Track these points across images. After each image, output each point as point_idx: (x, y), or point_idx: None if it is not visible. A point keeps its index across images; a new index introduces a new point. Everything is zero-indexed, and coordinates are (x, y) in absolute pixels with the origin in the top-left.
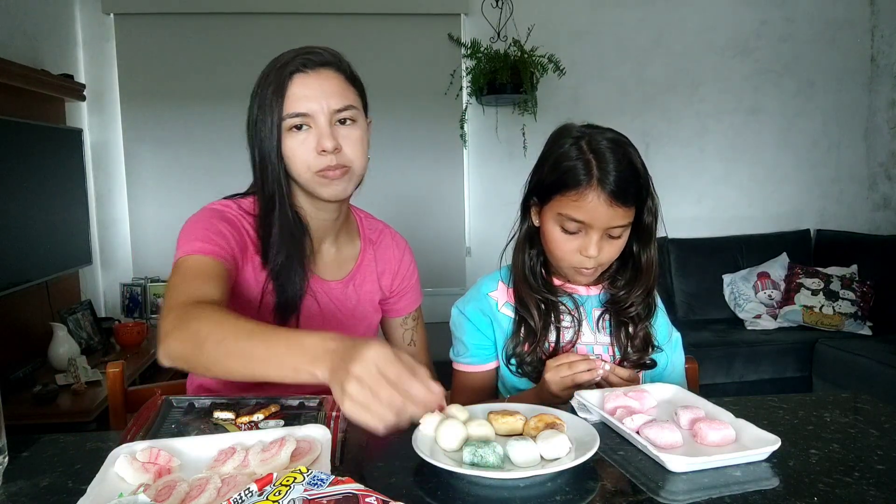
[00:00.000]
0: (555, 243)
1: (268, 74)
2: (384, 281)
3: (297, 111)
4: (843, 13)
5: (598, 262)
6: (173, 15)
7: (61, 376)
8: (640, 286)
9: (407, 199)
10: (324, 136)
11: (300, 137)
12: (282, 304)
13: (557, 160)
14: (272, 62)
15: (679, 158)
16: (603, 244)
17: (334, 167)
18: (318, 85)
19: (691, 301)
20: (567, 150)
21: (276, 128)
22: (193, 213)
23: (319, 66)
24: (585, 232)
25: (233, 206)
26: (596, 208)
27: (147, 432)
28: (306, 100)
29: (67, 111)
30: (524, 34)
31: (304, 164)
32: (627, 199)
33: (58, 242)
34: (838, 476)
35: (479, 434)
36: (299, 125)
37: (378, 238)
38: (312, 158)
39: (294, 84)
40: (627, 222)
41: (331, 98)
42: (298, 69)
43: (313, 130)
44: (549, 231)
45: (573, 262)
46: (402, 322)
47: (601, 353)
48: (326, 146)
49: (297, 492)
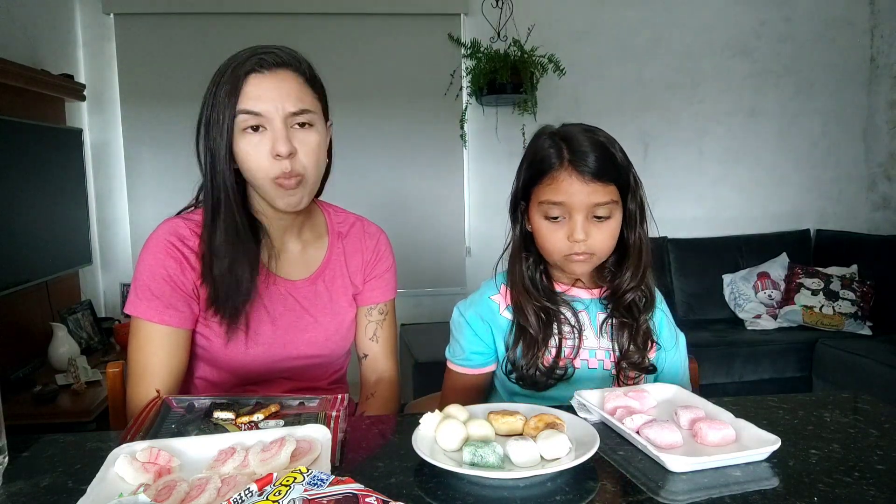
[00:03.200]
0: (544, 236)
1: (222, 74)
2: (354, 273)
3: (249, 109)
4: (843, 13)
5: (588, 246)
6: (173, 15)
7: (61, 376)
8: (630, 270)
9: (407, 199)
10: (279, 139)
11: (254, 140)
12: (229, 311)
13: (532, 155)
14: (227, 61)
15: (679, 159)
16: (590, 227)
17: (289, 174)
18: (275, 86)
19: (691, 301)
20: (540, 143)
21: (227, 128)
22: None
23: (276, 66)
24: (569, 216)
25: (183, 230)
26: (571, 186)
27: (147, 432)
28: (261, 100)
29: (67, 111)
30: (524, 34)
31: (258, 169)
32: (602, 175)
33: (58, 242)
34: (838, 476)
35: (479, 434)
36: (255, 126)
37: (348, 230)
38: (267, 163)
39: (249, 84)
40: (609, 199)
41: (286, 100)
42: (254, 69)
43: (268, 133)
44: (537, 226)
45: (563, 250)
46: (367, 312)
47: (603, 359)
48: (281, 150)
49: (297, 492)
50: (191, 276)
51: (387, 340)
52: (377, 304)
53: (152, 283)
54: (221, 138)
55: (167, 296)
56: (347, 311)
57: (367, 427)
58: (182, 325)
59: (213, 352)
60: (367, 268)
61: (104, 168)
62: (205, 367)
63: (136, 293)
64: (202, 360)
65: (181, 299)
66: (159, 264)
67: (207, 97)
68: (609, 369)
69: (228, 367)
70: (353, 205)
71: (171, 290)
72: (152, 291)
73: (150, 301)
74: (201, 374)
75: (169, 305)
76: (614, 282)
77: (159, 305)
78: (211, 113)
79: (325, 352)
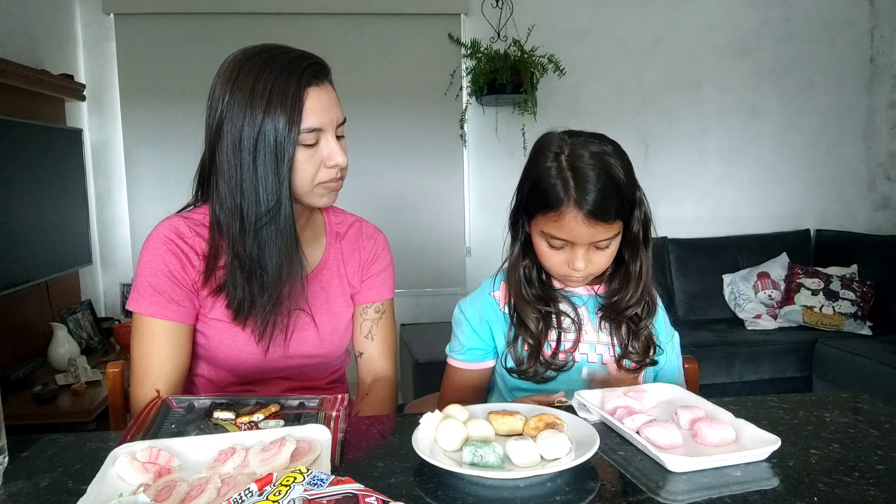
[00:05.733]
0: (543, 256)
1: (268, 79)
2: (352, 273)
3: (313, 126)
4: (843, 13)
5: (588, 272)
6: (173, 15)
7: (61, 376)
8: (632, 290)
9: (407, 199)
10: (336, 151)
11: (309, 152)
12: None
13: (537, 179)
14: (262, 64)
15: (679, 158)
16: (591, 255)
17: (338, 179)
18: (328, 98)
19: (691, 301)
20: (546, 168)
21: (292, 143)
22: (145, 244)
23: (325, 77)
24: (571, 247)
25: (183, 228)
26: (575, 227)
27: (147, 432)
28: (321, 114)
29: (67, 111)
30: (524, 34)
31: (309, 178)
32: (608, 217)
33: (58, 242)
34: (838, 476)
35: (479, 434)
36: (313, 142)
37: (346, 231)
38: (319, 171)
39: (310, 98)
40: (612, 234)
41: (336, 111)
42: (312, 82)
43: (322, 144)
44: (536, 245)
45: (562, 272)
46: (363, 310)
47: (603, 353)
48: (339, 162)
49: (297, 492)
50: (191, 272)
51: (383, 340)
52: (373, 303)
53: (153, 279)
54: (283, 156)
55: (168, 291)
56: (345, 310)
57: (367, 427)
58: (184, 320)
59: (210, 350)
60: (365, 267)
61: (104, 168)
62: (203, 365)
63: (137, 290)
64: (201, 358)
65: (182, 295)
66: (160, 261)
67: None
68: (608, 363)
69: (226, 365)
70: (353, 205)
71: (172, 286)
72: (154, 287)
73: (151, 297)
74: (199, 372)
75: (171, 301)
76: (613, 295)
77: (161, 301)
78: (263, 126)
79: (323, 351)
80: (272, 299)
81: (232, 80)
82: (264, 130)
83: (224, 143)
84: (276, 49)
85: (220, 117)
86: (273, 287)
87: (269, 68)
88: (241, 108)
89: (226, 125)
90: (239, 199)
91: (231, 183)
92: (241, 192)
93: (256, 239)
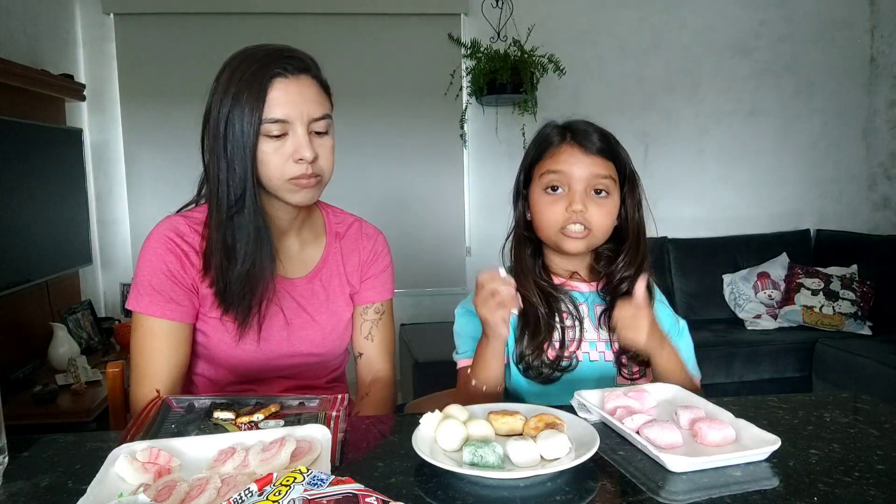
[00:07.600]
0: (542, 211)
1: (242, 71)
2: (351, 273)
3: (277, 117)
4: (843, 13)
5: (586, 220)
6: (173, 15)
7: (61, 376)
8: (628, 252)
9: (407, 199)
10: (303, 145)
11: (275, 144)
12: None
13: (536, 140)
14: (243, 58)
15: (679, 158)
16: (588, 202)
17: (308, 175)
18: (298, 91)
19: (691, 301)
20: (543, 129)
21: (253, 131)
22: (144, 243)
23: (300, 71)
24: (569, 187)
25: (182, 227)
26: (572, 156)
27: (147, 432)
28: (287, 106)
29: (67, 111)
30: (524, 34)
31: (277, 171)
32: (602, 151)
33: (58, 242)
34: (838, 476)
35: (479, 434)
36: (280, 133)
37: (346, 231)
38: (287, 166)
39: (274, 89)
40: (608, 174)
41: (309, 106)
42: (279, 73)
43: (290, 137)
44: (536, 202)
45: (560, 222)
46: (363, 311)
47: (604, 351)
48: (306, 156)
49: (297, 492)
50: (191, 271)
51: (383, 341)
52: (373, 304)
53: (153, 278)
54: (246, 144)
55: (168, 290)
56: (344, 310)
57: (367, 427)
58: (184, 318)
59: (210, 348)
60: (364, 268)
61: (104, 168)
62: (203, 364)
63: (136, 289)
64: (200, 357)
65: (182, 294)
66: (159, 260)
67: (220, 95)
68: (610, 361)
69: (226, 364)
70: (353, 205)
71: (171, 285)
72: (153, 286)
73: (151, 296)
74: (200, 371)
75: (170, 300)
76: (611, 267)
77: (160, 300)
78: (230, 115)
79: (322, 350)
80: (241, 289)
81: (218, 75)
82: (231, 119)
83: (208, 133)
84: (266, 47)
85: (208, 110)
86: (243, 277)
87: (249, 61)
88: (217, 98)
89: (210, 117)
90: (215, 186)
91: (209, 171)
92: (216, 181)
93: (230, 227)
